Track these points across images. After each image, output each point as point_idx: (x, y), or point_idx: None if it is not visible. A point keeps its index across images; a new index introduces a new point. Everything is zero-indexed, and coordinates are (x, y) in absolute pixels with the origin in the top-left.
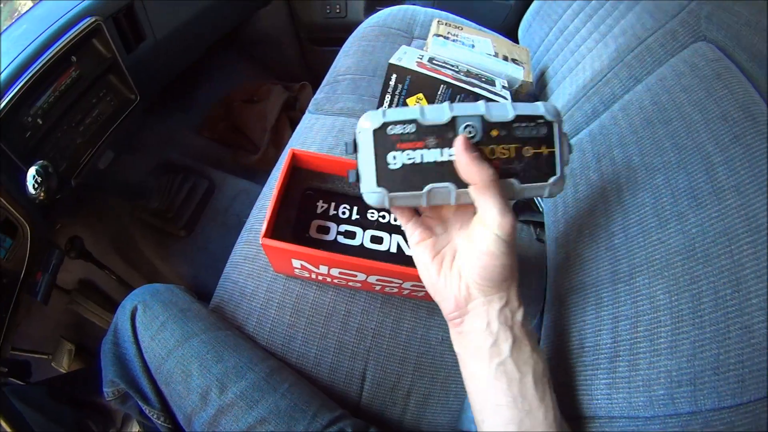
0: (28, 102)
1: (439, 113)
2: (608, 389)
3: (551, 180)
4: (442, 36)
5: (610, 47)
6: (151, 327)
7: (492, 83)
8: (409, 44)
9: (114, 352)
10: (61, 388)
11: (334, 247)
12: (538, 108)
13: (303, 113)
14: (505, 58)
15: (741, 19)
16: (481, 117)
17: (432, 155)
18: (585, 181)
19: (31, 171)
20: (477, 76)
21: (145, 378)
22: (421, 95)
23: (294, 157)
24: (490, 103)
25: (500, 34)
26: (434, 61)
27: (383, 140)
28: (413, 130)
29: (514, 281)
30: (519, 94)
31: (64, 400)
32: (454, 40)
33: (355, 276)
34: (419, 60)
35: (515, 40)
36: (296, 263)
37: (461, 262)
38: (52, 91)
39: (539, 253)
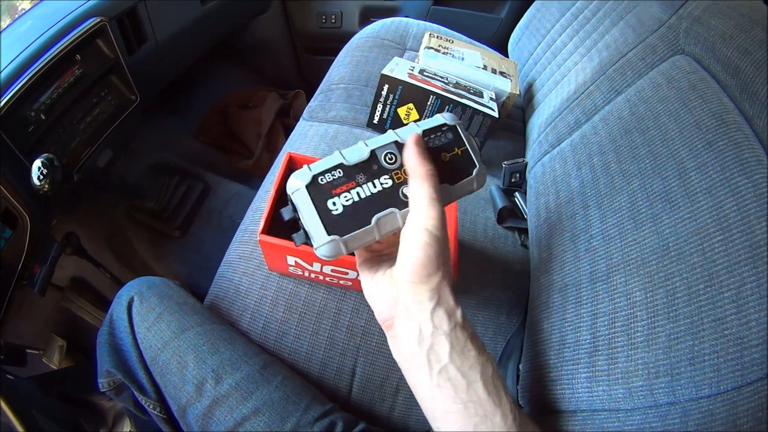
0: (32, 96)
1: (358, 152)
2: (589, 383)
3: (474, 172)
4: (433, 48)
5: (593, 61)
6: (147, 318)
7: (480, 95)
8: (401, 56)
9: (110, 342)
10: (52, 383)
11: None
12: (438, 119)
13: (297, 120)
14: (494, 71)
15: (716, 32)
16: (395, 142)
17: (367, 190)
18: (566, 188)
19: (37, 163)
20: (466, 88)
21: (141, 368)
22: (411, 105)
23: (291, 160)
24: (399, 129)
25: (490, 47)
26: (425, 73)
27: (317, 192)
28: (341, 174)
29: (444, 279)
30: (506, 105)
31: (55, 395)
32: (444, 53)
33: (347, 274)
34: (410, 71)
35: (505, 53)
36: (290, 260)
37: (395, 264)
38: (56, 87)
39: (523, 259)
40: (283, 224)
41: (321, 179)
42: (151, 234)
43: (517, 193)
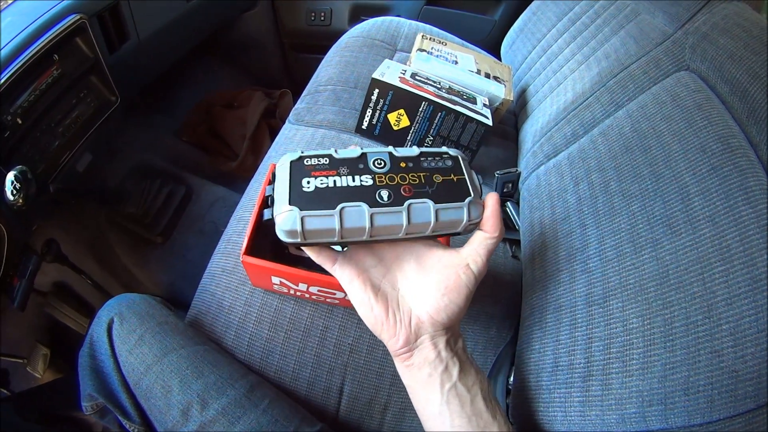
0: (8, 100)
1: (350, 151)
2: (582, 407)
3: (467, 200)
4: (425, 51)
5: (592, 70)
6: (128, 341)
7: (473, 101)
8: (392, 56)
9: (91, 365)
10: (29, 405)
11: (313, 264)
12: (441, 148)
13: (283, 121)
14: (487, 76)
15: (725, 51)
16: (389, 153)
17: (345, 181)
18: (562, 204)
19: (10, 176)
20: (458, 93)
21: (124, 392)
22: (402, 111)
23: None
24: (398, 148)
25: (483, 48)
26: (417, 77)
27: (299, 169)
28: (326, 162)
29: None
30: (499, 111)
31: (32, 418)
32: (437, 56)
33: (334, 294)
34: (402, 75)
35: (498, 56)
36: (275, 280)
37: (416, 300)
38: (33, 89)
39: (514, 270)
40: (266, 243)
41: (307, 161)
42: (132, 240)
43: (509, 203)
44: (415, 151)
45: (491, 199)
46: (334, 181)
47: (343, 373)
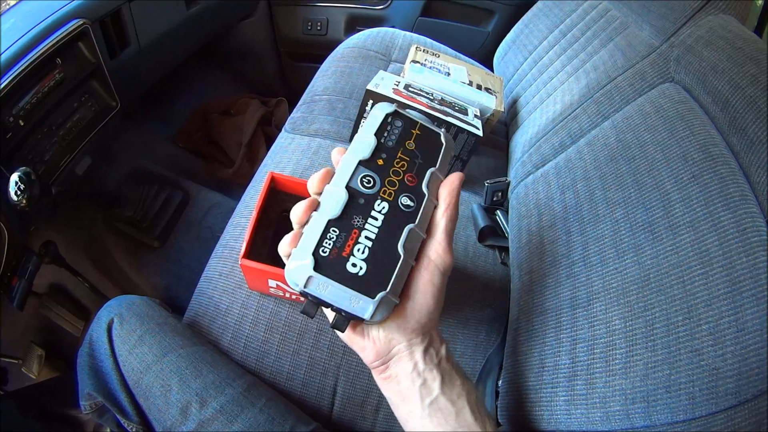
0: (10, 102)
1: (335, 200)
2: (567, 405)
3: (443, 139)
4: (419, 62)
5: (581, 82)
6: (128, 341)
7: (465, 112)
8: (386, 67)
9: (90, 364)
10: (30, 401)
11: None
12: (375, 116)
13: (279, 129)
14: (479, 87)
15: (708, 63)
16: (361, 162)
17: (372, 228)
18: (549, 212)
19: (14, 177)
20: (451, 105)
21: (123, 391)
22: None
23: (273, 180)
24: (352, 149)
25: (476, 60)
26: (410, 88)
27: (330, 266)
28: (337, 231)
29: (437, 322)
30: (490, 122)
31: (32, 414)
32: (430, 67)
33: None
34: (395, 87)
35: (490, 67)
36: (272, 283)
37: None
38: (35, 92)
39: (503, 277)
40: (264, 248)
41: (323, 251)
42: (129, 243)
43: (498, 212)
44: (371, 140)
45: (454, 178)
46: (367, 237)
47: (336, 374)
